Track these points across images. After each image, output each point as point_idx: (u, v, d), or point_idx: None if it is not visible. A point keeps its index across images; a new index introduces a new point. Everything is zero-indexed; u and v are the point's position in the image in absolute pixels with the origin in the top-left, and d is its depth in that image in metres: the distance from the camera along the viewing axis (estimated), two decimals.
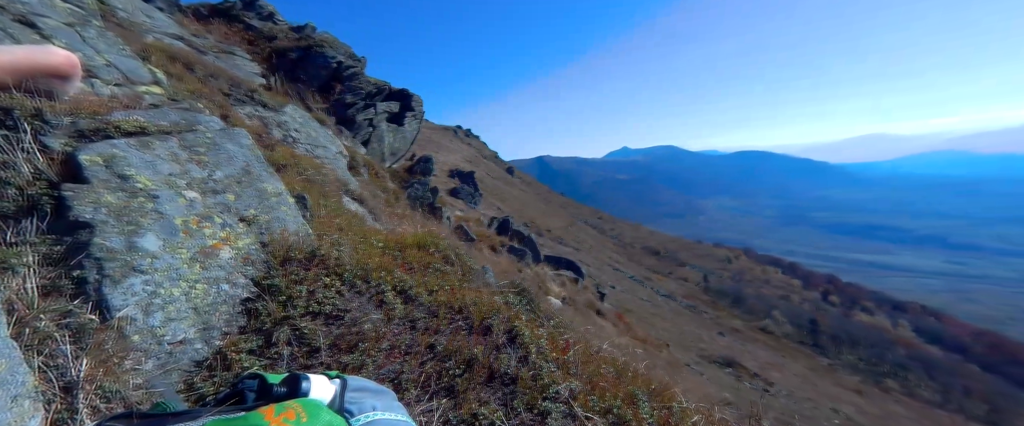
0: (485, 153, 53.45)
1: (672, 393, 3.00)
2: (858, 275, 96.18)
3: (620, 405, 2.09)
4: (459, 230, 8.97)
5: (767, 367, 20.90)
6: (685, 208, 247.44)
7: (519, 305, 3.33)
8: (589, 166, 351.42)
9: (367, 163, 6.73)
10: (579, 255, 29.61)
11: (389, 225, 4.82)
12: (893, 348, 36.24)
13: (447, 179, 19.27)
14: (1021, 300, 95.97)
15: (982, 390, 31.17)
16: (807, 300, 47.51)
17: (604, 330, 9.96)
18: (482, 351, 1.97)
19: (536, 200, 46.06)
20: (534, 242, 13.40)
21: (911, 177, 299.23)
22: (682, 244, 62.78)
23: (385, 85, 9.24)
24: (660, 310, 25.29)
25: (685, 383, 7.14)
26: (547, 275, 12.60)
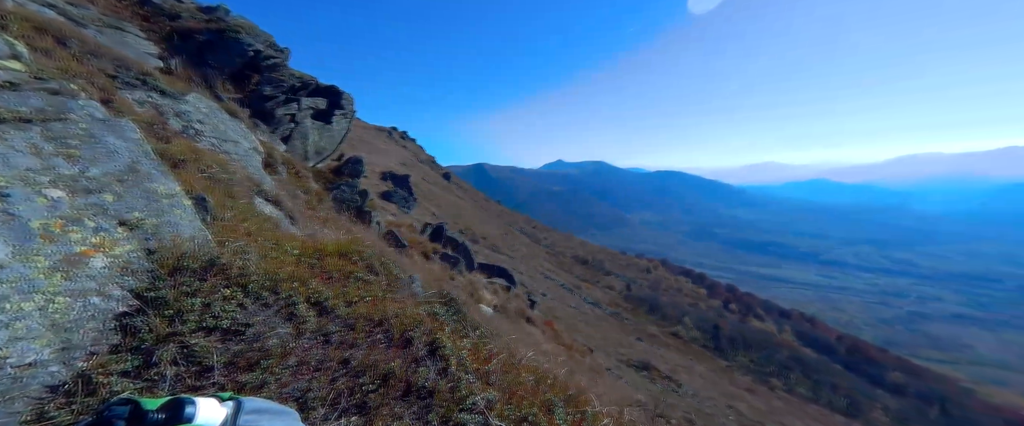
0: (421, 157, 52.24)
1: (587, 398, 3.16)
2: (752, 285, 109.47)
3: (536, 413, 2.16)
4: (389, 236, 8.63)
5: (677, 369, 22.79)
6: (612, 220, 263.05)
7: (445, 315, 3.31)
8: (526, 176, 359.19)
9: (287, 161, 6.19)
10: (513, 263, 30.01)
11: (310, 229, 4.49)
12: (778, 350, 41.38)
13: (379, 182, 18.47)
14: (872, 309, 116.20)
15: (844, 386, 36.78)
16: (712, 307, 52.60)
17: (533, 337, 10.18)
18: (399, 365, 1.92)
19: (473, 207, 45.93)
20: (468, 249, 13.33)
21: (793, 200, 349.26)
22: (609, 254, 66.48)
23: (312, 80, 8.59)
24: (586, 317, 26.48)
25: (604, 387, 7.55)
26: (480, 283, 12.60)
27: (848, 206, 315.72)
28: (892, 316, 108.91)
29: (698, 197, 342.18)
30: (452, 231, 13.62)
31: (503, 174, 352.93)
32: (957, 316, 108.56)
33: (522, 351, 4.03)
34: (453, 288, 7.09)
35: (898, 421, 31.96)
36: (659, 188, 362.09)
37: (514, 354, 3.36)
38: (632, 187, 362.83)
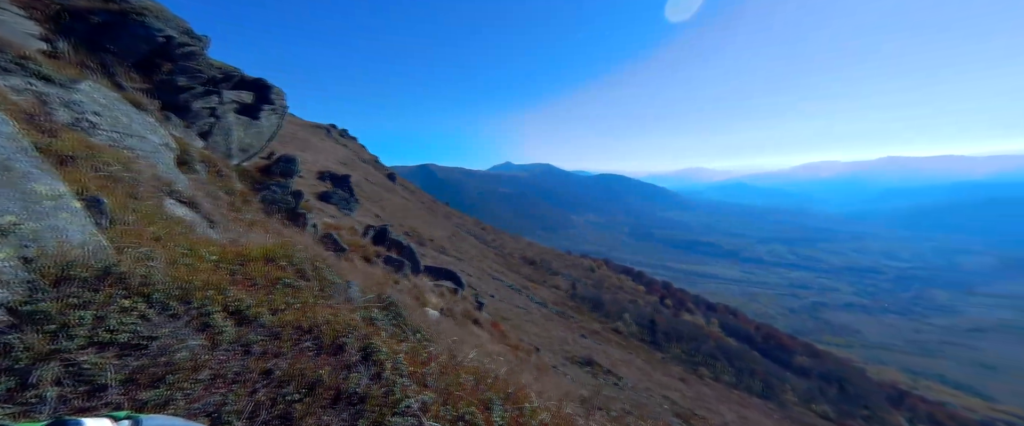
0: (363, 156, 50.08)
1: (526, 394, 3.24)
2: (685, 282, 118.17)
3: (473, 411, 2.19)
4: (327, 239, 8.19)
5: (618, 363, 23.94)
6: (559, 222, 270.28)
7: (383, 320, 3.23)
8: (474, 178, 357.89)
9: (206, 159, 5.61)
10: (461, 265, 29.74)
11: (232, 233, 4.15)
12: (706, 341, 44.91)
13: (316, 182, 17.40)
14: (784, 300, 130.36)
15: (761, 371, 40.75)
16: (649, 303, 55.87)
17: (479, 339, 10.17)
18: (329, 372, 1.86)
19: (419, 208, 44.88)
20: (414, 252, 13.01)
21: (717, 203, 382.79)
22: (555, 255, 68.18)
23: (235, 71, 7.84)
24: (533, 316, 26.95)
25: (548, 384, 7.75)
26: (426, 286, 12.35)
27: (763, 208, 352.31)
28: (799, 306, 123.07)
29: (638, 199, 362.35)
30: (397, 233, 13.24)
31: (451, 175, 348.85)
32: (849, 304, 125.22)
33: (464, 352, 4.04)
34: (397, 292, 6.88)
35: (804, 400, 36.05)
36: (603, 190, 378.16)
37: (454, 356, 3.36)
38: (578, 189, 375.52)
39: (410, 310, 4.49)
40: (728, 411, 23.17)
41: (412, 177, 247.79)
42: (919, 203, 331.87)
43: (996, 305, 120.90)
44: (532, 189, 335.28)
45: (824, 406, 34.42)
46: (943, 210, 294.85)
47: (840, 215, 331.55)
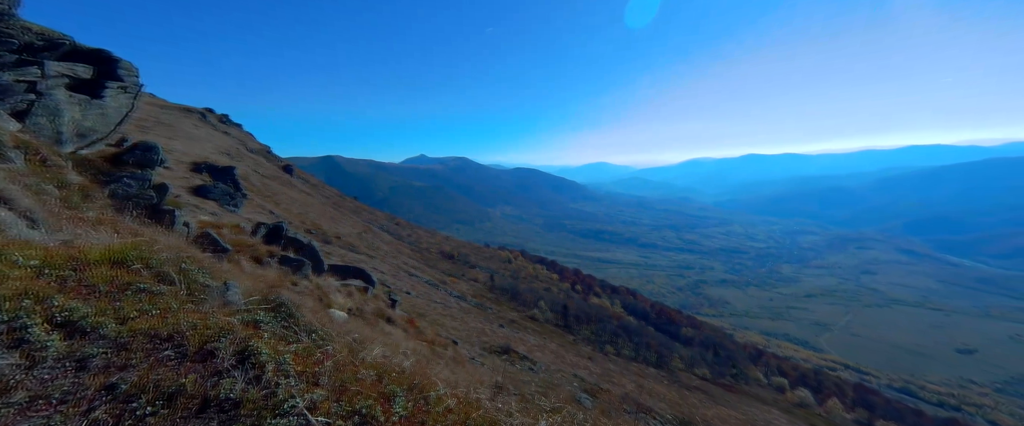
0: (251, 146, 44.41)
1: (432, 384, 3.25)
2: (592, 268, 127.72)
3: (371, 405, 2.14)
4: (204, 239, 7.14)
5: (533, 349, 25.06)
6: (476, 215, 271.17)
7: (270, 323, 2.96)
8: (386, 171, 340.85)
9: (26, 145, 4.43)
10: (373, 262, 28.22)
11: (65, 235, 3.40)
12: (611, 322, 49.19)
13: (189, 174, 14.94)
14: (672, 280, 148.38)
15: (655, 344, 45.92)
16: (562, 290, 59.29)
17: (391, 337, 9.81)
18: (195, 380, 1.66)
19: (323, 204, 41.36)
20: (317, 251, 11.99)
21: (619, 195, 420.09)
22: (473, 248, 68.47)
23: (63, 38, 6.22)
24: (452, 311, 26.79)
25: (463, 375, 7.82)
26: (332, 286, 11.49)
27: (655, 198, 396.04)
28: (685, 284, 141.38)
29: (550, 192, 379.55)
30: (296, 231, 12.05)
31: (360, 168, 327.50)
32: (722, 281, 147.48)
33: (369, 350, 3.89)
34: (294, 294, 6.30)
35: (688, 366, 41.65)
36: (518, 184, 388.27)
37: (356, 354, 3.23)
38: (494, 183, 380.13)
39: (308, 312, 4.18)
40: (629, 382, 25.76)
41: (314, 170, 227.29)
42: (770, 193, 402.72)
43: (824, 274, 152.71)
44: (448, 183, 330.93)
45: (704, 369, 40.16)
46: (787, 198, 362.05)
47: (713, 204, 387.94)
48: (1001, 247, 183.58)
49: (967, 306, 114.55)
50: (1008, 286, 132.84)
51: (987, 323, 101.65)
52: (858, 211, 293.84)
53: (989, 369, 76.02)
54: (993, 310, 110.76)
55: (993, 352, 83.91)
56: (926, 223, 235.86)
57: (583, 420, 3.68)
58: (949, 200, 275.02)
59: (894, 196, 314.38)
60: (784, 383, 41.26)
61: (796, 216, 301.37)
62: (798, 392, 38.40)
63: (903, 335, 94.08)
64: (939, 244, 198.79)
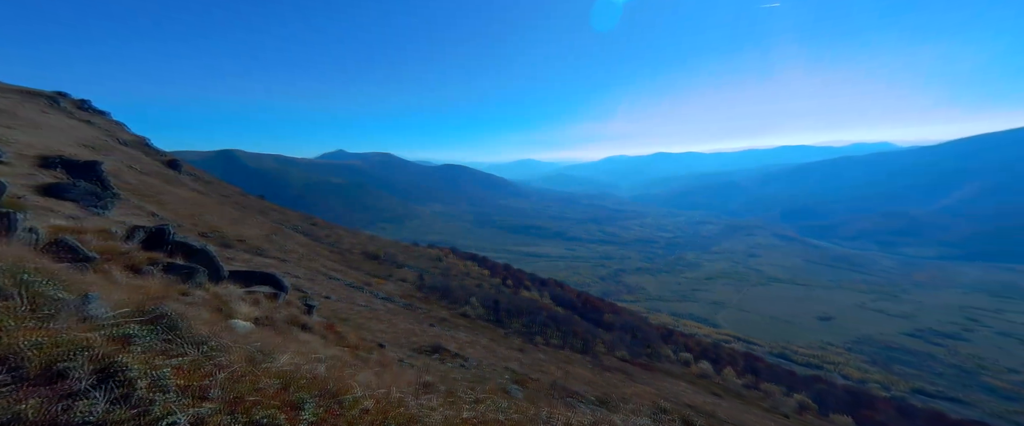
0: (122, 137, 37.80)
1: (349, 388, 3.09)
2: (522, 262, 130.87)
3: (273, 414, 1.98)
4: (59, 246, 5.94)
5: (465, 346, 24.95)
6: (403, 213, 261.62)
7: (146, 337, 2.57)
8: (298, 167, 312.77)
9: None
10: (285, 267, 25.81)
11: None
12: (540, 313, 50.85)
13: (36, 170, 12.20)
14: (596, 270, 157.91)
15: (581, 331, 48.45)
16: (493, 285, 59.85)
17: (307, 344, 9.07)
18: (37, 405, 1.38)
19: (221, 204, 36.77)
20: (212, 255, 10.62)
21: (545, 191, 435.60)
22: (401, 247, 65.98)
23: None
24: (378, 313, 25.58)
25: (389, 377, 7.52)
26: (233, 295, 10.25)
27: (579, 193, 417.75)
28: (607, 274, 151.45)
29: (479, 188, 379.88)
30: (185, 235, 10.56)
31: (266, 164, 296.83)
32: (638, 268, 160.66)
33: (275, 359, 3.60)
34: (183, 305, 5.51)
35: (610, 350, 44.74)
36: (446, 180, 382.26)
37: (257, 363, 2.95)
38: (421, 179, 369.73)
39: (201, 323, 3.71)
40: (557, 369, 26.92)
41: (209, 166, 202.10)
42: (676, 187, 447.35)
43: (720, 259, 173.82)
44: (371, 179, 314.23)
45: (623, 352, 43.45)
46: (689, 192, 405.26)
47: (629, 198, 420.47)
48: (848, 231, 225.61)
49: (825, 280, 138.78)
50: (854, 263, 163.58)
51: (840, 294, 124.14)
52: (744, 202, 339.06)
53: (842, 332, 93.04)
54: (843, 283, 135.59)
55: (845, 318, 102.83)
56: (795, 212, 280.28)
57: (507, 407, 3.77)
58: (811, 192, 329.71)
59: (771, 189, 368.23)
60: (689, 358, 46.25)
61: (697, 208, 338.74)
62: (701, 364, 43.35)
63: (779, 308, 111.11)
64: (804, 229, 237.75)
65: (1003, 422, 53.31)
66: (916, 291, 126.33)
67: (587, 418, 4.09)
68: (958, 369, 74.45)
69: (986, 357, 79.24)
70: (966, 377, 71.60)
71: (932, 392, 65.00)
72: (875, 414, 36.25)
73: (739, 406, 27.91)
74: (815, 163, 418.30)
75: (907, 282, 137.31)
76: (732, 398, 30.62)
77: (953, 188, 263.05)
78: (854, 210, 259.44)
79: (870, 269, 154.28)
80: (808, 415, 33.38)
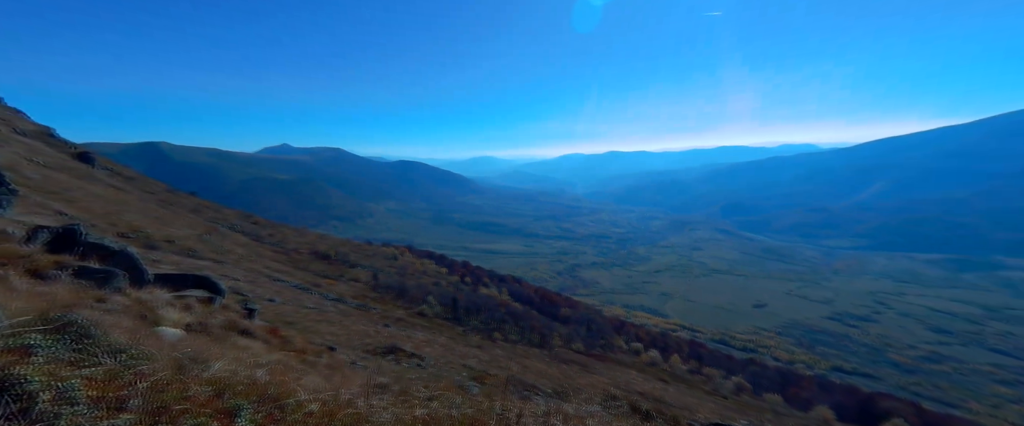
0: (22, 127, 33.29)
1: (291, 391, 2.95)
2: (481, 259, 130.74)
3: (204, 421, 1.86)
4: None
5: (422, 345, 24.50)
6: (355, 211, 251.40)
7: (50, 347, 2.30)
8: (237, 162, 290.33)
9: None
10: (222, 269, 23.95)
11: None
12: (499, 309, 51.19)
13: None
14: (553, 265, 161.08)
15: (538, 326, 49.34)
16: (451, 283, 59.25)
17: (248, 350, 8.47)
18: None
19: (144, 201, 33.40)
20: (134, 258, 9.64)
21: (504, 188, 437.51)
22: (353, 246, 63.44)
23: None
24: (328, 315, 24.45)
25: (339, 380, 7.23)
26: (160, 300, 9.36)
27: (536, 191, 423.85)
28: (563, 269, 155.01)
29: (436, 185, 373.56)
30: (101, 235, 9.50)
31: (198, 158, 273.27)
32: (593, 263, 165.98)
33: (210, 365, 3.35)
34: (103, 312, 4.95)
35: (566, 342, 45.96)
36: (401, 177, 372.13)
37: (185, 370, 2.74)
38: (375, 176, 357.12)
39: (120, 331, 3.37)
40: (515, 364, 27.21)
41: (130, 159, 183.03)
42: (628, 184, 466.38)
43: (668, 252, 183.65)
44: (320, 175, 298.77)
45: (579, 344, 44.82)
46: (640, 189, 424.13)
47: (585, 195, 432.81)
48: (778, 225, 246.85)
49: (759, 271, 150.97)
50: (783, 254, 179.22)
51: (771, 283, 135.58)
52: (689, 199, 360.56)
53: (773, 318, 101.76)
54: (774, 273, 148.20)
55: (776, 305, 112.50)
56: (732, 208, 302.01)
57: (461, 403, 3.77)
58: (746, 189, 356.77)
59: (712, 186, 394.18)
60: (640, 347, 48.58)
61: (647, 204, 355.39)
62: (650, 353, 45.68)
63: (720, 297, 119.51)
64: (740, 224, 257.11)
65: (905, 393, 61.03)
66: (835, 279, 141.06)
67: (541, 409, 4.18)
68: (869, 348, 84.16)
69: (891, 336, 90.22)
70: (876, 354, 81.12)
71: (848, 369, 73.00)
72: (801, 391, 40.12)
73: (684, 390, 29.71)
74: (750, 162, 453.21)
75: (827, 271, 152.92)
76: (678, 383, 32.54)
77: (866, 185, 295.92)
78: (783, 206, 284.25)
79: (796, 260, 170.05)
80: (744, 396, 36.26)
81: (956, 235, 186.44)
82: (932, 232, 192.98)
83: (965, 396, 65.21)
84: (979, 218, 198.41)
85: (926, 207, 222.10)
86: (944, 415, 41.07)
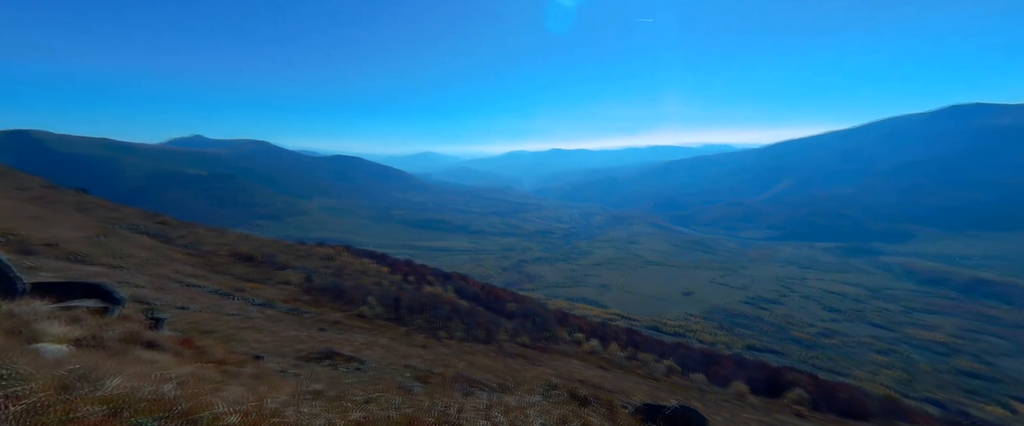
0: None
1: (207, 404, 2.72)
2: (425, 257, 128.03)
3: None
4: None
5: (362, 348, 23.46)
6: (285, 209, 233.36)
7: None
8: (138, 155, 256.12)
9: None
10: (121, 275, 21.06)
11: None
12: (444, 307, 50.36)
13: None
14: (500, 261, 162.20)
15: (484, 322, 49.24)
16: (394, 283, 57.27)
17: (155, 364, 7.51)
18: None
19: (14, 199, 28.38)
20: (6, 265, 8.23)
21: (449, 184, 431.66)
22: (282, 246, 58.86)
23: None
24: (254, 321, 22.53)
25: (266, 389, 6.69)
26: (41, 313, 8.02)
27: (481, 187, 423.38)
28: (509, 265, 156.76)
29: (377, 182, 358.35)
30: None
31: (87, 150, 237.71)
32: (538, 258, 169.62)
33: (103, 383, 2.97)
34: None
35: (512, 337, 46.52)
36: (338, 173, 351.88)
37: (71, 389, 2.40)
38: (307, 171, 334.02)
39: None
40: (461, 362, 27.06)
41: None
42: (571, 181, 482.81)
43: (607, 246, 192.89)
44: (242, 171, 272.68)
45: (525, 337, 45.59)
46: (582, 186, 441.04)
47: (531, 192, 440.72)
48: (703, 218, 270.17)
49: (687, 261, 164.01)
50: (708, 245, 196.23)
51: (698, 272, 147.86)
52: (626, 195, 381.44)
53: (699, 304, 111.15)
54: (700, 263, 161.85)
55: (702, 292, 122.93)
56: (664, 203, 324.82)
57: (401, 403, 3.67)
58: (676, 186, 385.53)
59: (646, 183, 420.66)
60: (582, 337, 50.63)
61: (589, 200, 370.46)
62: (591, 343, 47.79)
63: (653, 287, 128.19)
64: (671, 218, 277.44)
65: (805, 365, 69.90)
66: (750, 266, 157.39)
67: (482, 403, 4.20)
68: (777, 327, 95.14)
69: (794, 316, 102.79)
70: (781, 333, 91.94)
71: (760, 347, 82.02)
72: (721, 369, 44.30)
73: (621, 375, 31.51)
74: (679, 161, 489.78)
75: (744, 259, 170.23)
76: (616, 369, 34.43)
77: (775, 182, 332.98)
78: (707, 201, 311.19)
79: (719, 250, 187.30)
80: (674, 377, 39.31)
81: (846, 226, 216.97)
82: (828, 224, 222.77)
83: (850, 365, 76.36)
84: (862, 211, 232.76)
85: (823, 202, 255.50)
86: (834, 383, 47.67)
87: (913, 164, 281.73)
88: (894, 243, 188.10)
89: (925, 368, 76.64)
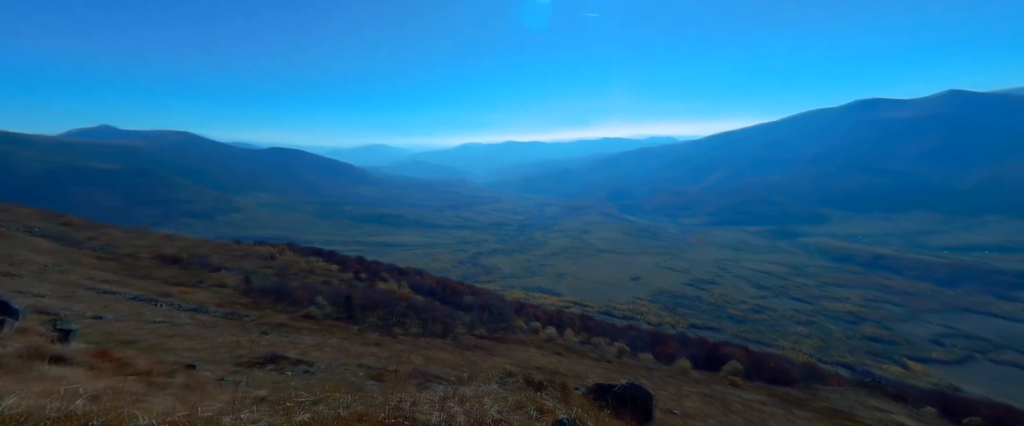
0: None
1: (127, 418, 2.48)
2: (378, 253, 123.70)
3: None
4: None
5: (310, 350, 22.32)
6: (216, 206, 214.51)
7: None
8: (34, 147, 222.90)
9: None
10: (17, 283, 18.40)
11: None
12: (399, 303, 49.09)
13: None
14: (455, 254, 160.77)
15: (441, 316, 48.70)
16: (344, 281, 54.81)
17: (63, 380, 6.64)
18: None
19: None
20: None
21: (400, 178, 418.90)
22: (215, 246, 54.16)
23: None
24: (183, 328, 20.62)
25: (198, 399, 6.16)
26: None
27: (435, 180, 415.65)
28: (465, 258, 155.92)
29: (322, 176, 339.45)
30: None
31: None
32: (495, 250, 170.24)
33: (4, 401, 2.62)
34: None
35: (470, 329, 46.48)
36: (276, 167, 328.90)
37: None
38: (241, 165, 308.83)
39: None
40: (417, 357, 26.61)
41: None
42: (525, 173, 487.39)
43: (561, 236, 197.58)
44: (162, 165, 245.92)
45: (482, 329, 45.69)
46: (536, 178, 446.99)
47: (484, 184, 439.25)
48: (649, 207, 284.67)
49: (635, 248, 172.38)
50: (653, 232, 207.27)
51: (645, 258, 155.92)
52: (579, 186, 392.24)
53: (647, 287, 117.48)
54: (647, 249, 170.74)
55: (648, 276, 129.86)
56: (614, 193, 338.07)
57: (351, 402, 3.55)
58: (625, 176, 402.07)
59: (598, 174, 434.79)
60: (538, 326, 51.69)
61: (543, 192, 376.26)
62: (547, 330, 48.95)
63: (605, 274, 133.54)
64: (621, 207, 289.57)
65: (738, 339, 76.45)
66: (691, 250, 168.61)
67: (438, 395, 4.17)
68: (714, 306, 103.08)
69: (729, 295, 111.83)
70: (718, 311, 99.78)
71: (700, 325, 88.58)
72: (667, 348, 47.33)
73: (576, 360, 32.66)
74: (627, 152, 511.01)
75: (685, 244, 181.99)
76: (571, 354, 35.62)
77: (710, 172, 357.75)
78: (652, 190, 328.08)
79: (663, 236, 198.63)
80: (625, 358, 41.39)
81: (773, 211, 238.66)
82: (757, 209, 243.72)
83: (777, 336, 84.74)
84: (786, 197, 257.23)
85: (753, 189, 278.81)
86: (763, 353, 52.73)
87: (827, 153, 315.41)
88: (813, 225, 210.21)
89: (838, 335, 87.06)
